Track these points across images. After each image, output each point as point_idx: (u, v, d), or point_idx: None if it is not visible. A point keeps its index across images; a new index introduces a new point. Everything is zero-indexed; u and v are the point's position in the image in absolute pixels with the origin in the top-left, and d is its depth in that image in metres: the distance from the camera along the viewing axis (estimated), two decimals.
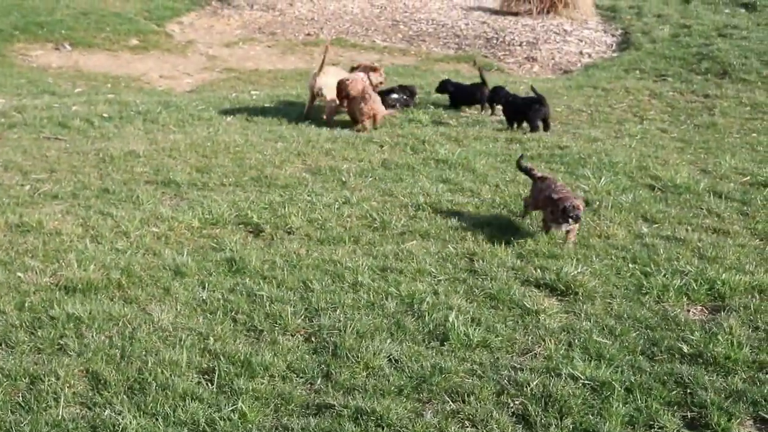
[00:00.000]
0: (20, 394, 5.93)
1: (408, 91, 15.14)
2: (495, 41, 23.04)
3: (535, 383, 6.16)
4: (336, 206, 9.61)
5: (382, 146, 12.22)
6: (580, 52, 21.85)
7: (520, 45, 22.61)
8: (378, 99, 13.69)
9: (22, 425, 5.56)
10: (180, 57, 21.63)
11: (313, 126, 13.60)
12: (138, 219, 9.06)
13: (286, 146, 12.15)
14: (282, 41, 23.51)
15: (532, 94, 13.40)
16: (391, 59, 21.26)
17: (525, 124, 13.37)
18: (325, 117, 14.03)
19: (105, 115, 14.11)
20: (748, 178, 10.89)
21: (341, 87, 13.41)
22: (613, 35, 22.99)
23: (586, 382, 6.20)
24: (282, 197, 9.87)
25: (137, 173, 10.80)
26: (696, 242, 8.74)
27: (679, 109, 15.39)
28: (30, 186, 10.22)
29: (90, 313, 6.97)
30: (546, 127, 13.25)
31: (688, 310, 7.41)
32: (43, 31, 22.19)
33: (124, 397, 5.93)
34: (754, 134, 13.65)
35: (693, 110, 15.28)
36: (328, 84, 13.88)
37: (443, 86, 15.24)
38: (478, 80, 15.12)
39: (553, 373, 6.33)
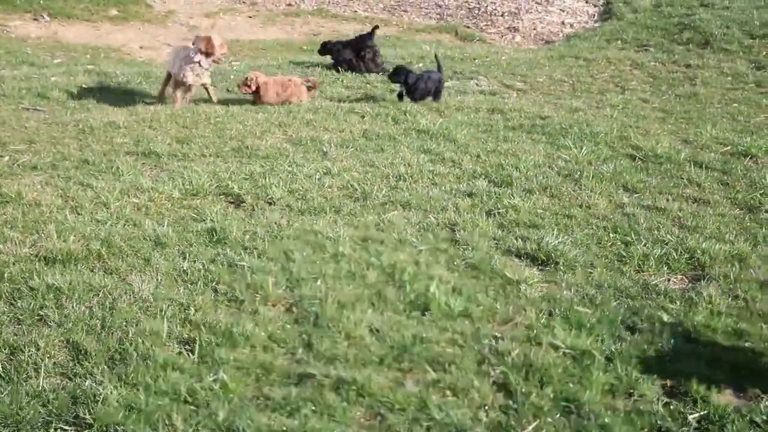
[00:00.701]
0: (0, 365, 5.91)
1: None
2: (477, 11, 23.01)
3: (515, 352, 6.18)
4: (317, 177, 9.59)
5: (363, 117, 12.19)
6: (562, 23, 21.85)
7: (502, 15, 22.59)
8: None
9: (2, 396, 5.54)
10: (160, 27, 21.51)
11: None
12: (118, 190, 9.01)
13: (267, 117, 12.11)
14: (263, 12, 23.41)
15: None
16: None
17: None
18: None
19: (84, 86, 14.02)
20: (729, 147, 10.92)
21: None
22: (595, 5, 22.97)
23: (566, 351, 6.22)
24: (263, 168, 9.84)
25: (117, 144, 10.74)
26: (676, 212, 8.76)
27: (660, 79, 15.41)
28: (9, 157, 10.14)
29: (70, 284, 6.93)
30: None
31: (669, 279, 7.44)
32: (21, 1, 21.97)
33: (105, 367, 5.91)
34: (735, 104, 13.69)
35: (674, 80, 15.32)
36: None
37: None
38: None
39: (533, 342, 6.34)
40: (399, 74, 13.13)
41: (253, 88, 12.85)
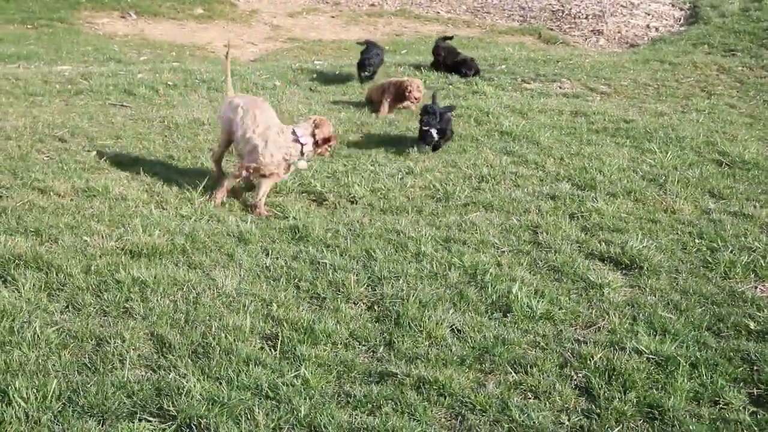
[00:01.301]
0: (87, 356, 6.00)
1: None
2: (560, 14, 22.84)
3: (598, 356, 6.12)
4: (399, 176, 9.60)
5: None
6: (647, 26, 21.58)
7: (586, 18, 22.38)
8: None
9: (89, 386, 5.62)
10: (244, 26, 21.71)
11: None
12: (202, 186, 9.09)
13: (350, 116, 12.15)
14: (346, 11, 23.49)
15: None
16: (455, 31, 21.11)
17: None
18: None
19: (170, 83, 14.18)
20: None
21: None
22: (681, 9, 22.66)
23: (650, 356, 6.14)
24: (345, 166, 9.87)
25: (201, 141, 10.85)
26: (764, 218, 8.61)
27: (748, 84, 15.13)
28: (96, 152, 10.31)
29: (155, 278, 7.02)
30: None
31: (756, 287, 7.31)
32: (110, 0, 22.35)
33: (189, 360, 5.97)
34: None
35: (763, 85, 15.02)
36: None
37: None
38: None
39: (617, 347, 6.27)
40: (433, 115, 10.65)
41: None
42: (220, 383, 5.72)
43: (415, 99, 12.34)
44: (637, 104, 13.51)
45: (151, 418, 5.39)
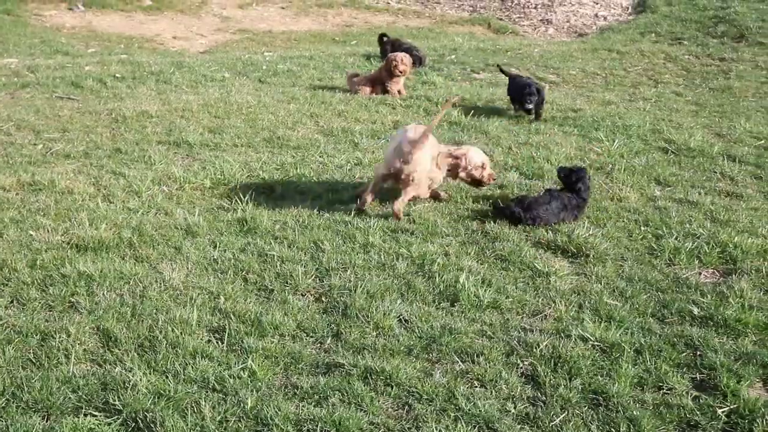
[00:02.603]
0: (31, 351, 5.94)
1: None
2: (510, 3, 22.96)
3: (544, 344, 6.15)
4: (348, 167, 9.60)
5: (394, 108, 12.19)
6: (596, 15, 21.74)
7: (536, 7, 22.52)
8: None
9: (33, 381, 5.57)
10: (194, 18, 21.60)
11: (326, 88, 13.53)
12: (150, 179, 9.05)
13: (299, 107, 12.13)
14: (296, 3, 23.43)
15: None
16: (405, 21, 21.17)
17: None
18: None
19: (118, 75, 14.10)
20: (763, 141, 10.85)
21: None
22: None
23: (595, 343, 6.18)
24: (294, 158, 9.86)
25: (149, 133, 10.79)
26: (709, 205, 8.70)
27: (694, 72, 15.30)
28: (42, 145, 10.22)
29: (101, 272, 6.97)
30: None
31: (700, 273, 7.38)
32: None
33: (135, 354, 5.94)
34: None
35: (708, 74, 15.20)
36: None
37: None
38: None
39: (562, 335, 6.31)
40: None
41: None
42: (167, 377, 5.69)
43: (400, 72, 12.56)
44: (585, 93, 13.62)
45: (96, 413, 5.35)
